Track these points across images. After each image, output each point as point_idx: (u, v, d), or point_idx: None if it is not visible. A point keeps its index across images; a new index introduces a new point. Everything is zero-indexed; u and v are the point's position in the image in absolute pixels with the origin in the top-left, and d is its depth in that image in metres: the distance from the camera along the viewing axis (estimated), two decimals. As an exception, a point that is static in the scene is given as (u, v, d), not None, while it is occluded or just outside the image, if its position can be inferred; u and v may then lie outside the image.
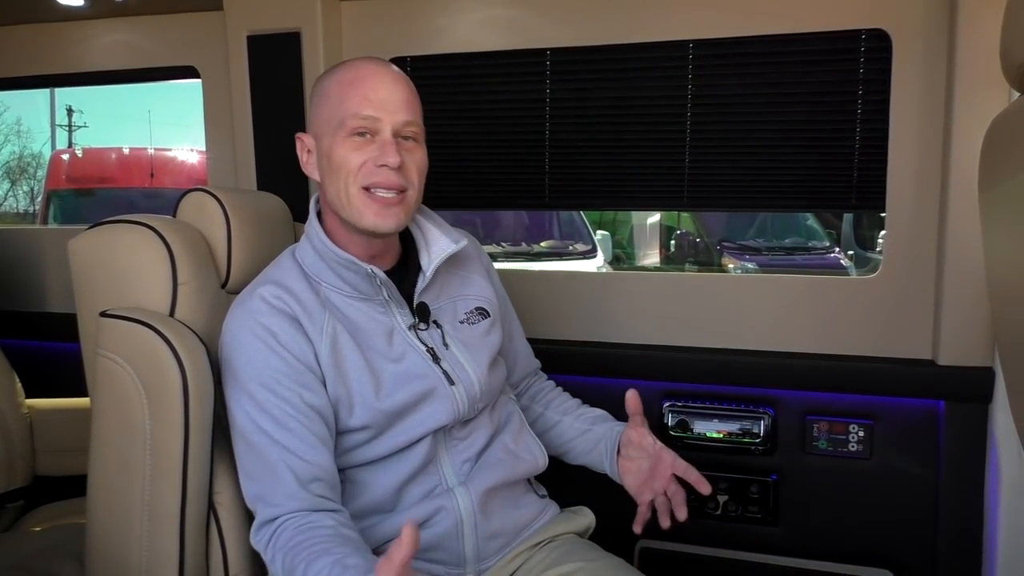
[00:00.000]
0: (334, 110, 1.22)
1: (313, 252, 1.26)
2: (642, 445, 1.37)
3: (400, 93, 1.22)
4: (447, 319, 1.31)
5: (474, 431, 1.30)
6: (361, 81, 1.21)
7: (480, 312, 1.36)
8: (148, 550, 1.21)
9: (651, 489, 1.35)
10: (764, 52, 1.68)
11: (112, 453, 1.23)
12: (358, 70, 1.23)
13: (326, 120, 1.23)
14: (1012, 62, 0.88)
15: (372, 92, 1.20)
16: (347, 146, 1.20)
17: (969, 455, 1.60)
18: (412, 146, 1.23)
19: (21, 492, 1.80)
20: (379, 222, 1.20)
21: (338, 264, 1.23)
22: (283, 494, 1.14)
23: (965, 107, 1.51)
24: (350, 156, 1.20)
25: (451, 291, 1.35)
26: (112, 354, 1.21)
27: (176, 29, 2.02)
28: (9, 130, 28.06)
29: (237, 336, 1.20)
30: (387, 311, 1.26)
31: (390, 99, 1.20)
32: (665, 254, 9.88)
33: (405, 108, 1.21)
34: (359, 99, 1.20)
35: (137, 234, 1.27)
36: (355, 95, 1.20)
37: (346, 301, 1.24)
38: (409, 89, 1.24)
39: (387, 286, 1.24)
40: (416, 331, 1.27)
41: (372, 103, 1.19)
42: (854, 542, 1.71)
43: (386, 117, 1.20)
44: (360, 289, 1.25)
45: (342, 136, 1.20)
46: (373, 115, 1.19)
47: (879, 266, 1.68)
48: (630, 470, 1.38)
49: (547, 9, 1.79)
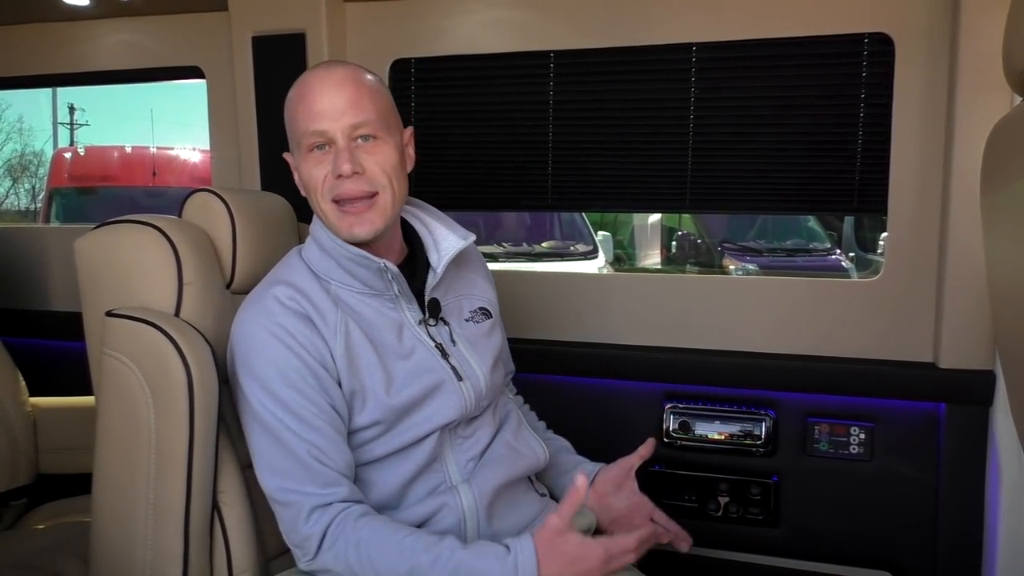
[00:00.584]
0: (292, 129, 1.23)
1: (320, 251, 1.26)
2: (623, 484, 1.38)
3: (344, 97, 1.18)
4: (453, 317, 1.32)
5: (478, 429, 1.31)
6: (305, 95, 1.20)
7: (483, 312, 1.38)
8: (152, 548, 1.21)
9: (627, 527, 1.35)
10: (767, 55, 1.69)
11: (117, 452, 1.24)
12: (303, 85, 1.22)
13: (291, 139, 1.25)
14: (1014, 67, 0.88)
15: (316, 104, 1.18)
16: (309, 162, 1.20)
17: (970, 458, 1.60)
18: (371, 146, 1.20)
19: (24, 490, 1.81)
20: (355, 231, 1.20)
21: (349, 260, 1.23)
22: (321, 483, 1.15)
23: (967, 111, 1.52)
24: (313, 172, 1.20)
25: (457, 290, 1.36)
26: (118, 353, 1.21)
27: (181, 29, 2.03)
28: (11, 128, 28.05)
29: (254, 337, 1.19)
30: (397, 307, 1.27)
31: (333, 106, 1.18)
32: (666, 255, 9.87)
33: (351, 110, 1.18)
34: (305, 114, 1.19)
35: (143, 234, 1.27)
36: (303, 111, 1.19)
37: (356, 297, 1.25)
38: (357, 89, 1.20)
39: (398, 281, 1.24)
40: (426, 326, 1.28)
41: (317, 115, 1.18)
42: (855, 544, 1.71)
43: (333, 126, 1.18)
44: (370, 285, 1.25)
45: (303, 153, 1.21)
46: (319, 128, 1.18)
47: (880, 269, 1.69)
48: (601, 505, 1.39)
49: (551, 11, 1.79)
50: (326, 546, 1.14)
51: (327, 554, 1.14)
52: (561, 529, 1.09)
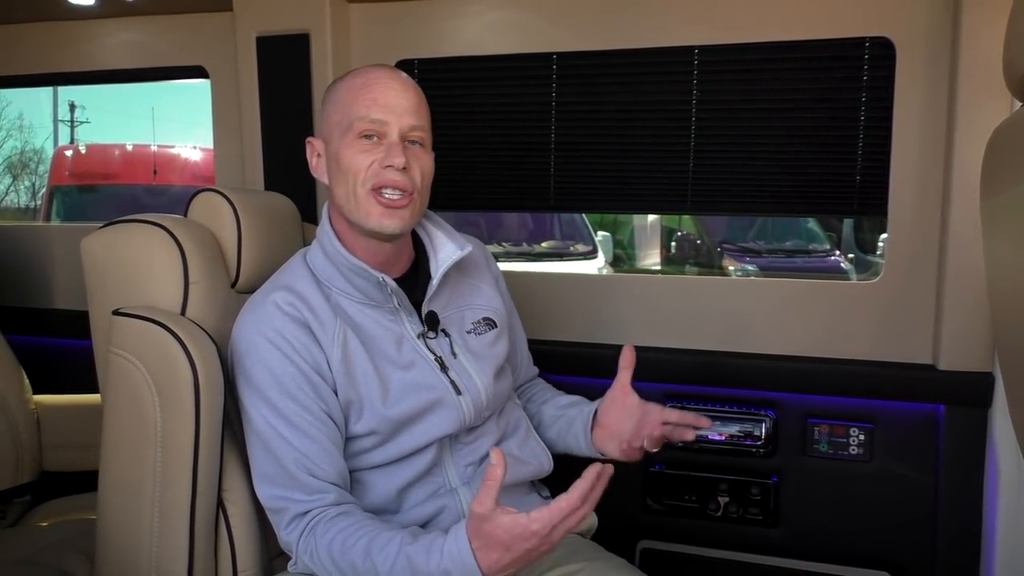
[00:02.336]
0: (344, 113, 1.23)
1: (324, 256, 1.27)
2: (625, 405, 1.34)
3: (408, 99, 1.23)
4: (455, 328, 1.32)
5: (480, 437, 1.31)
6: (371, 86, 1.23)
7: (487, 322, 1.37)
8: (158, 546, 1.22)
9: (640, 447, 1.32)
10: (769, 58, 1.70)
11: (123, 450, 1.25)
12: (368, 76, 1.25)
13: (336, 123, 1.25)
14: (1015, 72, 0.89)
15: (381, 96, 1.22)
16: (355, 148, 1.21)
17: (968, 459, 1.61)
18: (418, 151, 1.24)
19: (28, 487, 1.81)
20: (384, 222, 1.21)
21: (349, 270, 1.24)
22: (308, 490, 1.16)
23: (967, 115, 1.53)
24: (357, 158, 1.21)
25: (460, 300, 1.35)
26: (124, 352, 1.22)
27: (186, 29, 2.04)
28: (11, 125, 28.02)
29: (252, 343, 1.20)
30: (396, 319, 1.27)
31: (398, 103, 1.22)
32: (666, 255, 9.87)
33: (412, 113, 1.23)
34: (368, 102, 1.21)
35: (149, 233, 1.28)
36: (364, 99, 1.22)
37: (356, 307, 1.25)
38: (418, 96, 1.26)
39: (397, 295, 1.24)
40: (425, 339, 1.27)
41: (380, 106, 1.21)
42: (854, 544, 1.72)
43: (393, 120, 1.21)
44: (370, 296, 1.25)
45: (351, 138, 1.22)
46: (380, 118, 1.21)
47: (880, 270, 1.70)
48: (605, 437, 1.36)
49: (554, 14, 1.80)
50: (302, 549, 1.16)
51: (304, 555, 1.16)
52: (484, 515, 1.00)
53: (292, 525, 1.17)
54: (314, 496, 1.16)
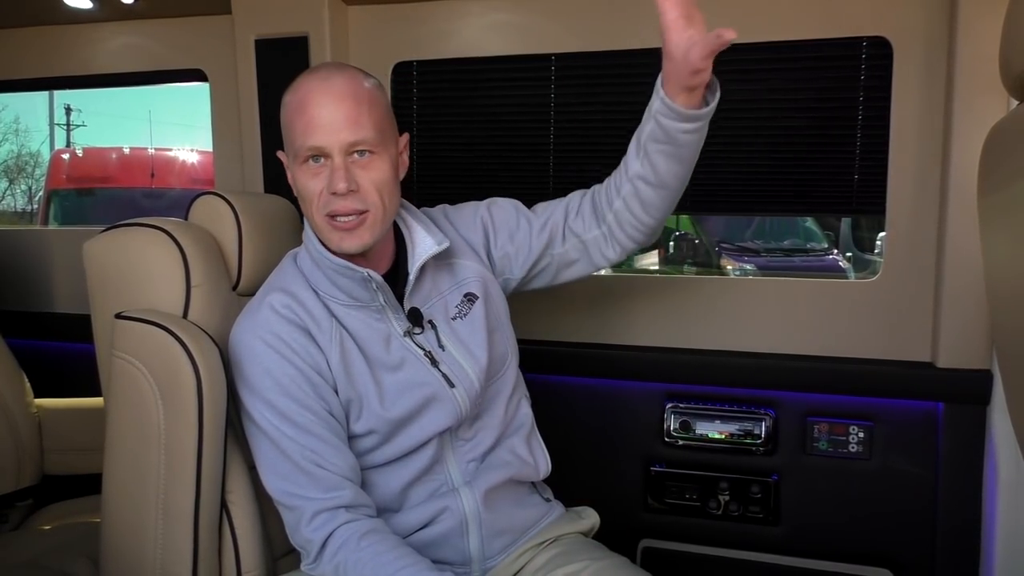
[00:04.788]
0: (289, 139, 1.20)
1: (311, 260, 1.26)
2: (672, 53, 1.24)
3: (344, 110, 1.15)
4: (440, 317, 1.29)
5: (480, 431, 1.31)
6: (305, 106, 1.16)
7: (469, 298, 1.32)
8: (162, 548, 1.23)
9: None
10: (767, 58, 1.70)
11: (127, 453, 1.25)
12: (301, 90, 1.18)
13: (288, 145, 1.22)
14: (1011, 71, 0.90)
15: (316, 116, 1.15)
16: (306, 173, 1.18)
17: (967, 456, 1.62)
18: (367, 162, 1.17)
19: (30, 491, 1.82)
20: (344, 245, 1.19)
21: (333, 271, 1.22)
22: (322, 487, 1.16)
23: (964, 114, 1.54)
24: (309, 184, 1.18)
25: (441, 287, 1.32)
26: (127, 355, 1.23)
27: (184, 32, 2.04)
28: (7, 129, 27.97)
29: (249, 347, 1.20)
30: (383, 317, 1.25)
31: (332, 120, 1.15)
32: (664, 254, 9.88)
33: (351, 125, 1.15)
34: (303, 127, 1.16)
35: (151, 237, 1.29)
36: (300, 122, 1.16)
37: (344, 310, 1.24)
38: (356, 102, 1.16)
39: (383, 290, 1.22)
40: (411, 336, 1.26)
41: (315, 129, 1.15)
42: (854, 542, 1.73)
43: (332, 141, 1.15)
44: (355, 296, 1.24)
45: (299, 164, 1.19)
46: (317, 144, 1.15)
47: (878, 269, 1.70)
48: (674, 85, 1.27)
49: (552, 14, 1.81)
50: (327, 556, 1.15)
51: (327, 565, 1.15)
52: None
53: (317, 522, 1.15)
54: (329, 494, 1.16)
